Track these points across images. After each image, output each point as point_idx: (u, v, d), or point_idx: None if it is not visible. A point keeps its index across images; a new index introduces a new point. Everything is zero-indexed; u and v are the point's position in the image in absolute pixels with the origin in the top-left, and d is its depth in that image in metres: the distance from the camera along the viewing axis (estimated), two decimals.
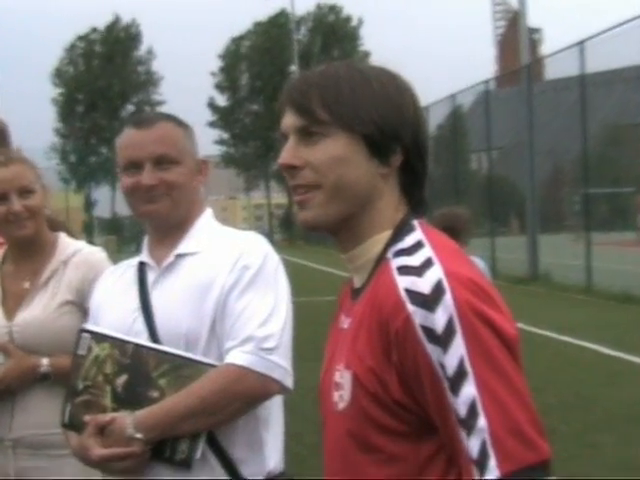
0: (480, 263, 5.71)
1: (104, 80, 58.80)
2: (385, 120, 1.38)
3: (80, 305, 2.55)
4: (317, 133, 1.39)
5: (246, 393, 1.99)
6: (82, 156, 58.57)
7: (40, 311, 2.55)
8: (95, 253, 2.66)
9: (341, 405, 1.38)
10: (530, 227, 18.56)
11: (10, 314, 2.56)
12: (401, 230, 1.41)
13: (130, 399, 2.03)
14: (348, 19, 61.35)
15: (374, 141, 1.38)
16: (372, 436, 1.34)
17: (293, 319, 2.10)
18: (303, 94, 1.39)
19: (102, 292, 2.26)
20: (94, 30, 60.55)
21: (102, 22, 61.14)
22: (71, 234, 2.79)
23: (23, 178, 2.55)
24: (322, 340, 1.54)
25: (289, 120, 1.41)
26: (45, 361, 2.50)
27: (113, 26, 60.53)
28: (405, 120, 1.40)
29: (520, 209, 18.27)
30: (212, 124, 60.10)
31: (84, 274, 2.58)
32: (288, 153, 1.40)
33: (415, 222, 1.42)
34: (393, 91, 1.41)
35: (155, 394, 2.01)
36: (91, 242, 2.94)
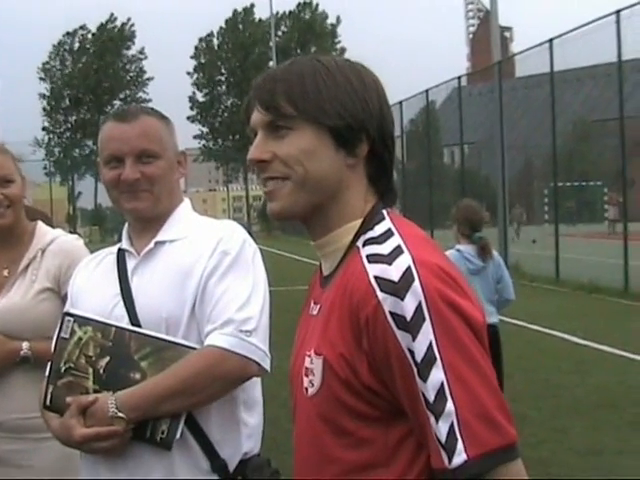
0: (496, 255, 5.87)
1: (92, 77, 58.81)
2: (350, 112, 1.39)
3: (58, 292, 2.58)
4: (284, 127, 1.40)
5: (226, 374, 2.00)
6: (66, 150, 58.59)
7: (19, 298, 2.57)
8: (72, 241, 2.68)
9: (311, 390, 1.39)
10: (500, 219, 18.84)
11: None
12: (371, 219, 1.42)
13: (112, 381, 2.03)
14: (325, 17, 62.28)
15: (340, 132, 1.39)
16: (343, 420, 1.35)
17: (270, 307, 2.12)
18: (268, 90, 1.41)
19: (82, 278, 2.27)
20: (82, 27, 60.67)
21: (97, 20, 61.40)
22: (52, 224, 2.80)
23: (3, 168, 2.57)
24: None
25: (257, 116, 1.43)
26: (25, 345, 2.52)
27: (105, 24, 60.58)
28: (369, 112, 1.41)
29: (491, 202, 18.56)
30: (191, 118, 60.44)
31: (61, 261, 2.60)
32: (257, 148, 1.43)
33: (385, 212, 1.44)
34: (357, 84, 1.42)
35: (137, 376, 2.02)
36: (74, 232, 2.94)
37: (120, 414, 1.97)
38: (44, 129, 60.14)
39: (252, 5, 60.43)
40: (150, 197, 2.13)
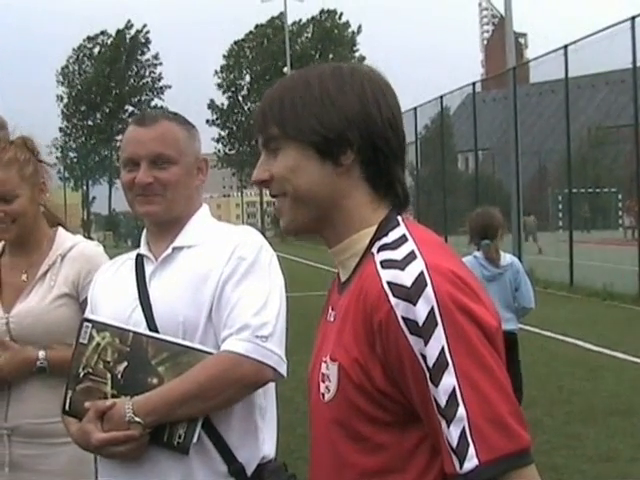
0: (516, 262, 5.90)
1: (108, 81, 59.55)
2: (326, 125, 1.41)
3: (76, 298, 2.59)
4: (275, 147, 1.45)
5: (241, 379, 2.01)
6: (81, 155, 59.16)
7: (36, 303, 2.58)
8: (91, 247, 2.69)
9: (327, 396, 1.40)
10: (514, 226, 18.81)
11: (8, 306, 2.60)
12: (385, 226, 1.43)
13: (130, 386, 2.05)
14: (347, 25, 62.83)
15: (319, 146, 1.42)
16: (358, 425, 1.36)
17: (286, 313, 2.13)
18: (260, 112, 1.47)
19: (101, 284, 2.29)
20: (102, 33, 61.49)
21: (115, 26, 62.58)
22: (68, 229, 2.80)
23: (2, 185, 2.57)
24: (313, 334, 1.58)
25: (259, 138, 1.50)
26: (42, 355, 2.52)
27: (123, 30, 61.28)
28: (347, 120, 1.42)
29: (505, 208, 18.57)
30: (210, 122, 61.10)
31: (80, 267, 2.60)
32: (258, 169, 1.48)
33: (399, 218, 1.45)
34: (335, 93, 1.43)
35: (154, 381, 2.04)
36: (88, 237, 2.93)
37: (137, 419, 1.99)
38: (61, 130, 60.72)
39: (281, 13, 60.95)
40: (163, 201, 2.15)
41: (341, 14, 63.96)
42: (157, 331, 2.08)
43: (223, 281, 2.07)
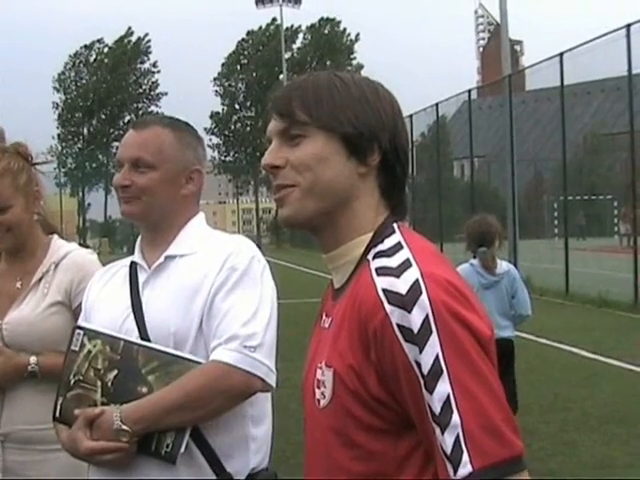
0: (512, 269, 5.92)
1: (104, 90, 59.74)
2: (362, 122, 1.42)
3: (69, 306, 2.60)
4: (298, 134, 1.43)
5: (230, 389, 2.02)
6: (79, 161, 59.29)
7: (30, 311, 2.59)
8: (85, 255, 2.71)
9: (323, 402, 1.40)
10: (510, 233, 18.84)
11: (1, 313, 2.61)
12: (381, 233, 1.43)
13: (119, 394, 2.06)
14: (345, 33, 63.15)
15: (352, 140, 1.41)
16: (353, 432, 1.36)
17: (279, 320, 2.13)
18: (284, 99, 1.45)
19: (95, 291, 2.30)
20: (99, 41, 61.70)
21: (115, 32, 62.87)
22: (63, 236, 2.83)
23: None
24: (307, 340, 1.58)
25: (272, 124, 1.46)
26: (33, 360, 2.53)
27: (122, 38, 61.58)
28: (382, 124, 1.43)
29: (501, 215, 18.62)
30: (209, 130, 61.36)
31: (73, 275, 2.62)
32: (270, 154, 1.45)
33: (395, 225, 1.45)
34: (371, 97, 1.44)
35: (144, 389, 2.04)
36: (84, 244, 3.02)
37: (124, 427, 2.00)
38: (59, 137, 60.80)
39: (274, 19, 61.13)
40: (140, 204, 2.17)
41: (339, 22, 64.27)
42: (149, 340, 2.08)
43: (214, 291, 2.08)
